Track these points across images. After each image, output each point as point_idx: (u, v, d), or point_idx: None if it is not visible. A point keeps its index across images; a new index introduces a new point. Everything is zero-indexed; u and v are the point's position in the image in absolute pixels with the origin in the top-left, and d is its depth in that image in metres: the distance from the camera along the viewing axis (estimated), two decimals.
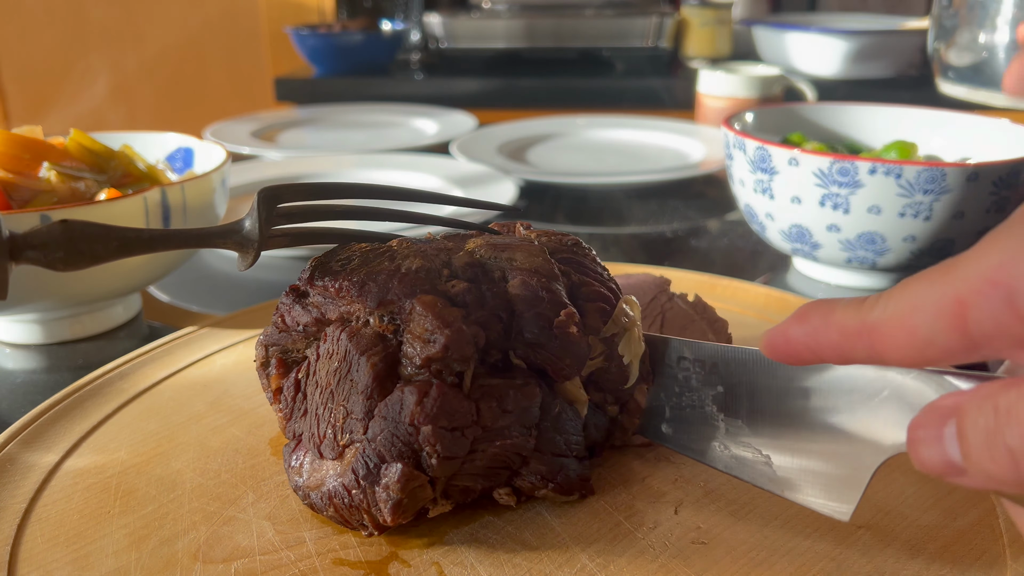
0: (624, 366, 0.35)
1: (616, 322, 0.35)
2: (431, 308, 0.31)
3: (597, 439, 0.37)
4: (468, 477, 0.33)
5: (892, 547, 0.32)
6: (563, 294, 0.34)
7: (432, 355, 0.30)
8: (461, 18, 1.57)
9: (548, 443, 0.34)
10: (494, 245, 0.35)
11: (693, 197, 0.89)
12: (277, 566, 0.31)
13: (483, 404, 0.31)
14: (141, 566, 0.32)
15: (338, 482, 0.32)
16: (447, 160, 0.94)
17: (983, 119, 0.66)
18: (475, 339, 0.31)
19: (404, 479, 0.30)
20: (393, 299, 0.32)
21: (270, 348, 0.37)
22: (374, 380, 0.31)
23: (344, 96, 1.45)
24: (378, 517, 0.31)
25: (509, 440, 0.32)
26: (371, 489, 0.31)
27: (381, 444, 0.31)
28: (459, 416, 0.31)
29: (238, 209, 0.81)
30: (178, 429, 0.41)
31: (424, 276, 0.33)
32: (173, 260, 0.55)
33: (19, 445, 0.39)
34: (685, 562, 0.31)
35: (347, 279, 0.33)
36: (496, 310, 0.32)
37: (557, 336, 0.32)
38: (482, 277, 0.33)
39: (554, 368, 0.33)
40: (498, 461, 0.33)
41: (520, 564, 0.32)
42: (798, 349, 0.27)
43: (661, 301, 0.45)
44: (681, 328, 0.43)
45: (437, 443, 0.30)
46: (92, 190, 0.55)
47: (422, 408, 0.30)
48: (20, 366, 0.52)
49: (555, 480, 0.34)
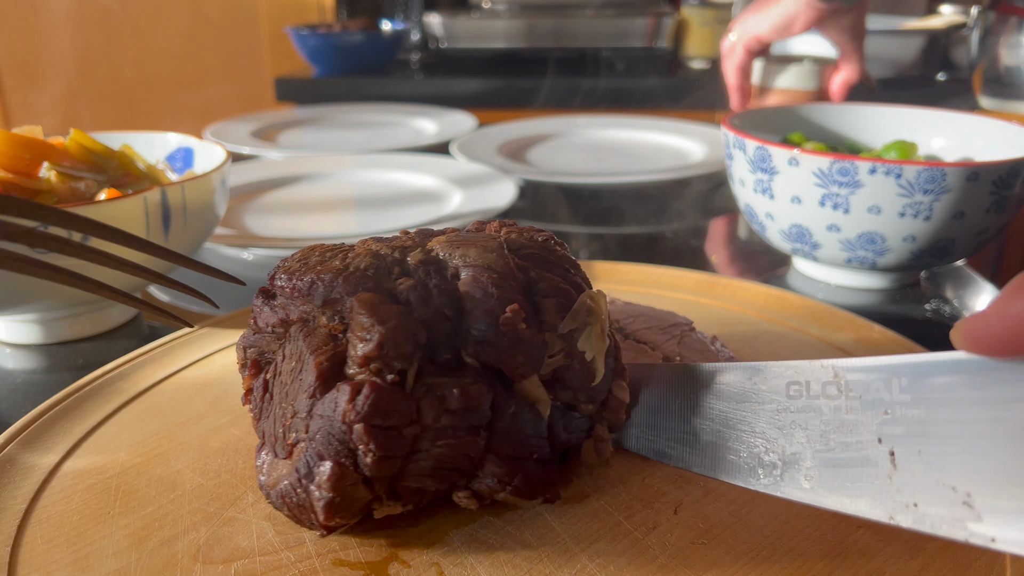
0: (587, 363, 0.34)
1: (575, 317, 0.34)
2: (367, 305, 0.31)
3: (571, 441, 0.35)
4: (415, 478, 0.32)
5: (891, 546, 0.32)
6: (515, 290, 0.33)
7: (368, 353, 0.30)
8: (461, 18, 1.57)
9: (504, 445, 0.33)
10: (453, 242, 0.35)
11: (693, 197, 0.89)
12: (277, 567, 0.31)
13: (424, 403, 0.31)
14: (141, 567, 0.32)
15: (287, 482, 0.32)
16: (447, 160, 0.94)
17: (983, 119, 0.66)
18: (415, 337, 0.31)
19: (335, 478, 0.30)
20: (337, 297, 0.32)
21: (248, 350, 0.37)
22: (318, 379, 0.31)
23: (344, 96, 1.45)
24: (315, 517, 0.31)
25: (454, 440, 0.31)
26: (308, 488, 0.31)
27: (319, 443, 0.31)
28: (395, 415, 0.30)
29: (238, 209, 0.81)
30: (178, 429, 0.41)
31: (372, 274, 0.32)
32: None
33: (19, 446, 0.39)
34: (685, 562, 0.31)
35: (300, 279, 0.33)
36: (442, 307, 0.32)
37: (505, 333, 0.32)
38: (434, 274, 0.33)
39: (508, 367, 0.32)
40: (446, 462, 0.32)
41: (520, 565, 0.32)
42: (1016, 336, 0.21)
43: (681, 328, 0.46)
44: (696, 352, 0.44)
45: (371, 441, 0.30)
46: (92, 190, 0.55)
47: (353, 406, 0.30)
48: (20, 366, 0.52)
49: (512, 483, 0.33)
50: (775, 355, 0.48)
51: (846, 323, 0.51)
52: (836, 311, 0.52)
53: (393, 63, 1.62)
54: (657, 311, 0.49)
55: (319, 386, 0.31)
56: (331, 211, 0.84)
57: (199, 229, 0.55)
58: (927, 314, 0.58)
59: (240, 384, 0.45)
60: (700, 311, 0.54)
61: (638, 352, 0.44)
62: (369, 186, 0.90)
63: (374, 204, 0.84)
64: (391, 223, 0.75)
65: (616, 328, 0.47)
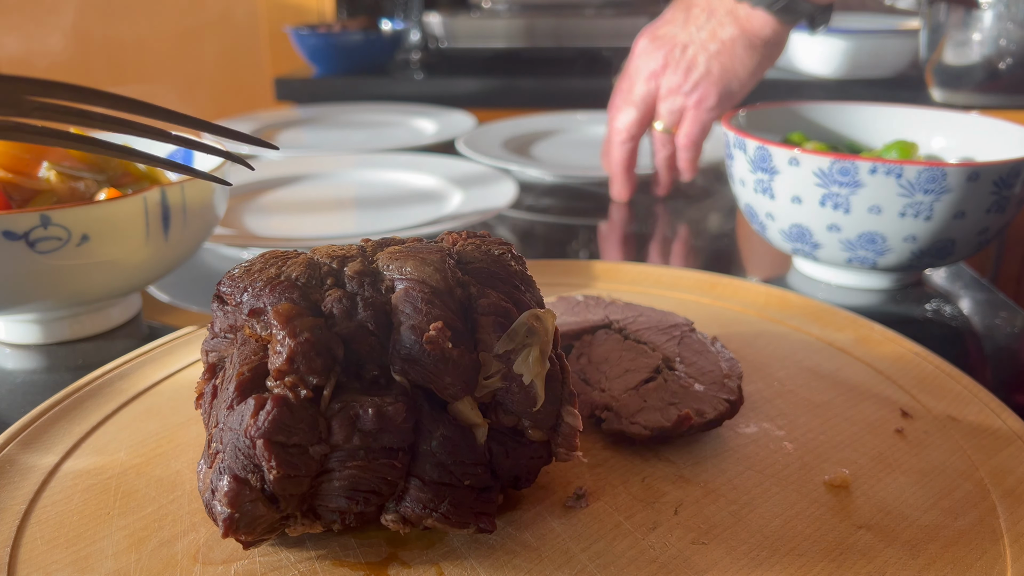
0: (525, 387, 0.32)
1: (513, 338, 0.32)
2: (281, 317, 0.30)
3: (514, 469, 0.33)
4: (331, 498, 0.31)
5: (892, 547, 0.32)
6: (448, 307, 0.31)
7: (279, 367, 0.29)
8: (461, 18, 1.57)
9: (429, 469, 0.31)
10: (398, 253, 0.33)
11: (693, 197, 0.89)
12: (277, 567, 0.31)
13: (336, 421, 0.29)
14: (141, 567, 0.32)
15: (208, 492, 0.31)
16: (447, 160, 0.94)
17: (983, 119, 0.66)
18: (331, 351, 0.29)
19: (231, 494, 0.29)
20: (261, 307, 0.31)
21: (209, 354, 0.36)
22: (236, 389, 0.30)
23: (344, 96, 1.45)
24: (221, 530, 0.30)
25: (365, 463, 0.30)
26: (212, 502, 0.30)
27: (228, 456, 0.30)
28: (300, 432, 0.29)
29: (238, 209, 0.81)
30: (178, 429, 0.41)
31: (301, 284, 0.31)
32: (173, 260, 0.55)
33: (19, 446, 0.39)
34: (685, 562, 0.31)
35: (236, 286, 0.32)
36: (365, 321, 0.30)
37: (430, 352, 0.30)
38: (367, 286, 0.31)
39: (436, 387, 0.31)
40: (362, 484, 0.31)
41: (520, 565, 0.31)
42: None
43: (681, 329, 0.46)
44: (696, 353, 0.44)
45: (272, 459, 0.29)
46: (92, 190, 0.55)
47: (255, 421, 0.29)
48: (20, 366, 0.52)
49: (438, 510, 0.31)
50: (775, 355, 0.48)
51: (846, 323, 0.51)
52: (836, 311, 0.52)
53: (393, 63, 1.62)
54: (657, 311, 0.49)
55: (236, 397, 0.30)
56: (331, 211, 0.84)
57: (199, 229, 0.55)
58: (927, 314, 0.58)
59: None
60: (700, 311, 0.54)
61: (638, 352, 0.44)
62: (369, 186, 0.90)
63: (374, 204, 0.84)
64: (391, 223, 0.75)
65: (616, 328, 0.47)
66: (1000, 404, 0.42)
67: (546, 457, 0.34)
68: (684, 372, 0.42)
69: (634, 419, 0.39)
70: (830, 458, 0.38)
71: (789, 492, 0.36)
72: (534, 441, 0.33)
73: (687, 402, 0.39)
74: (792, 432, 0.40)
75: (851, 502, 0.35)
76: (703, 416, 0.38)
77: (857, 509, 0.34)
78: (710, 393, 0.40)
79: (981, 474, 0.37)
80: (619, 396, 0.40)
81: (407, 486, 0.31)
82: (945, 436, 0.40)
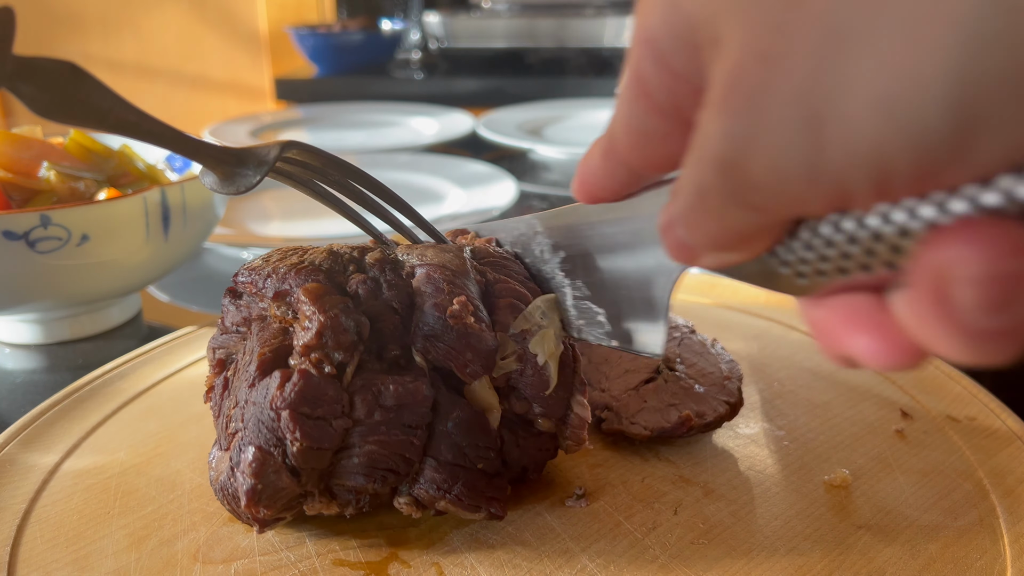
0: (539, 367, 0.33)
1: (528, 319, 0.33)
2: (311, 294, 0.30)
3: (525, 459, 0.34)
4: (349, 475, 0.31)
5: (892, 547, 0.32)
6: (468, 287, 0.32)
7: (308, 342, 0.30)
8: (461, 18, 1.57)
9: (445, 450, 0.32)
10: (415, 246, 0.35)
11: None
12: (277, 567, 0.31)
13: (358, 397, 0.30)
14: (141, 567, 0.32)
15: (225, 473, 0.31)
16: (447, 160, 0.94)
17: None
18: (358, 328, 0.30)
19: (256, 463, 0.30)
20: (287, 289, 0.32)
21: (217, 351, 0.36)
22: (258, 368, 0.31)
23: (344, 96, 1.45)
24: (240, 504, 0.30)
25: (386, 438, 0.31)
26: (235, 475, 0.30)
27: (251, 430, 0.30)
28: (324, 405, 0.30)
29: (238, 208, 0.81)
30: (178, 429, 0.41)
31: (325, 269, 0.32)
32: (173, 260, 0.55)
33: (19, 446, 0.39)
34: (685, 562, 0.31)
35: (258, 274, 0.33)
36: (390, 301, 0.31)
37: (453, 327, 0.31)
38: (389, 271, 0.33)
39: (457, 364, 0.32)
40: (380, 461, 0.31)
41: (520, 565, 0.32)
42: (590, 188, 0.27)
43: (682, 330, 0.46)
44: (696, 354, 0.44)
45: (296, 429, 0.29)
46: (91, 190, 0.55)
47: (281, 392, 0.29)
48: (20, 366, 0.52)
49: (451, 491, 0.32)
50: (776, 355, 0.48)
51: None
52: None
53: (393, 63, 1.62)
54: None
55: (258, 375, 0.31)
56: (331, 211, 0.84)
57: (199, 229, 0.55)
58: None
59: None
60: (700, 311, 0.54)
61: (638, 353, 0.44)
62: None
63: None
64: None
65: None
66: (1000, 404, 0.42)
67: (552, 451, 0.35)
68: (684, 373, 0.42)
69: (634, 419, 0.39)
70: (830, 458, 0.38)
71: (789, 492, 0.36)
72: (543, 432, 0.34)
73: (687, 403, 0.39)
74: (792, 432, 0.40)
75: (851, 502, 0.35)
76: (703, 418, 0.38)
77: (857, 509, 0.34)
78: (710, 395, 0.40)
79: (980, 474, 0.37)
80: (619, 396, 0.40)
81: (422, 467, 0.32)
82: (944, 436, 0.40)
